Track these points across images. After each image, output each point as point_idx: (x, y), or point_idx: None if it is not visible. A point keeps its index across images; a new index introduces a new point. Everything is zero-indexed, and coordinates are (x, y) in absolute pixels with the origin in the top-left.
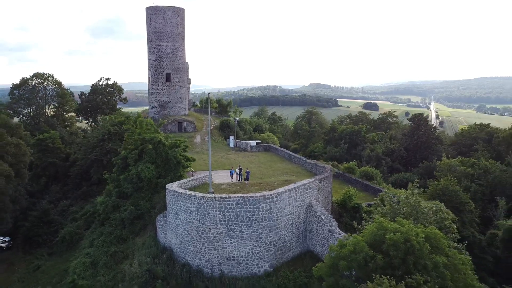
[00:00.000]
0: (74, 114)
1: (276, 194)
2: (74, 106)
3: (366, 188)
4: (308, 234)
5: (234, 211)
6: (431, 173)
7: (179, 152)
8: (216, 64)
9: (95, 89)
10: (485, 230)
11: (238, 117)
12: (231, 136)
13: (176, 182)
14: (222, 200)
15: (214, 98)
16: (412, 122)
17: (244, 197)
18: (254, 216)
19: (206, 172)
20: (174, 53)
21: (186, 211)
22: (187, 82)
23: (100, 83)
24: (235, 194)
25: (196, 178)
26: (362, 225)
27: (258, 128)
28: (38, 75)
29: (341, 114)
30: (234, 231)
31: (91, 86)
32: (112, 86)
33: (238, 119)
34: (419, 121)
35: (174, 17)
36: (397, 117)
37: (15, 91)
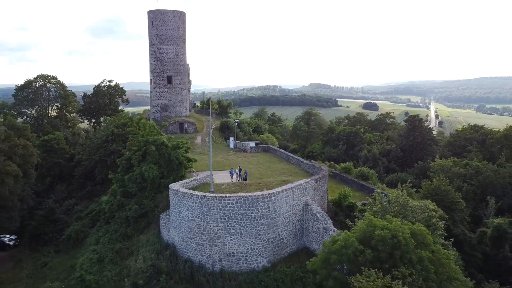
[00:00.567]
0: (77, 114)
1: (274, 194)
2: (77, 107)
3: (361, 188)
4: (304, 231)
5: (234, 210)
6: (426, 173)
7: (181, 153)
8: (216, 64)
9: (98, 90)
10: (476, 229)
11: (238, 118)
12: (231, 137)
13: (178, 182)
14: (222, 199)
15: (215, 99)
16: (408, 123)
17: (243, 196)
18: (253, 214)
19: (207, 172)
20: (175, 55)
21: (188, 210)
22: (188, 83)
23: (102, 85)
24: (235, 194)
25: (197, 178)
26: (355, 222)
27: (257, 129)
28: (41, 77)
29: (340, 115)
30: (234, 229)
31: (94, 87)
32: (114, 88)
33: (238, 121)
34: (415, 122)
35: (175, 20)
36: (394, 118)
37: (19, 93)
